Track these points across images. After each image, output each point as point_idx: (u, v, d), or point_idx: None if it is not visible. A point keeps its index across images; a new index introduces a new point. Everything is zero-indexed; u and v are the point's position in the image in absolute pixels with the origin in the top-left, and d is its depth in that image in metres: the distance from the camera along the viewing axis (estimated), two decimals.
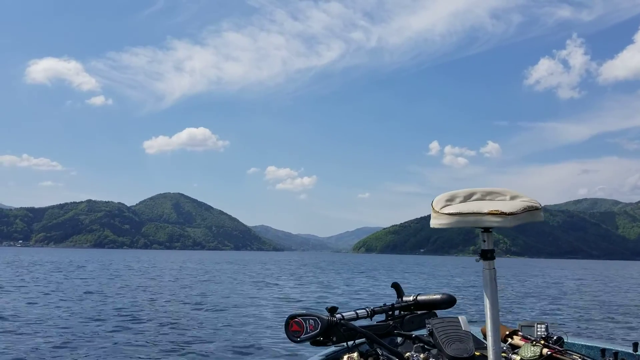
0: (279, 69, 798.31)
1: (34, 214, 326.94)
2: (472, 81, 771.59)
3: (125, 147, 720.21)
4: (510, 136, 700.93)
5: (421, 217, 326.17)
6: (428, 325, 2.21)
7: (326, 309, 1.97)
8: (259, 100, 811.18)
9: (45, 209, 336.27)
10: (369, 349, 2.02)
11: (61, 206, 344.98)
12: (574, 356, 2.43)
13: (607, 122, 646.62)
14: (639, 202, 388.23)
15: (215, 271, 38.15)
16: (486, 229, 1.73)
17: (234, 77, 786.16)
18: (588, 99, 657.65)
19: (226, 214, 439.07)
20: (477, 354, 2.18)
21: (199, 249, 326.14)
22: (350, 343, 1.99)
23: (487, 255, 1.74)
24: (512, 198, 1.78)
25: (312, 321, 1.92)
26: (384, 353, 2.01)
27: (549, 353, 2.43)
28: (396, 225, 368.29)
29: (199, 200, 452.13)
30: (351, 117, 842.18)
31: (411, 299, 2.43)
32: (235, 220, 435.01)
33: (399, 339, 2.35)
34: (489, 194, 1.79)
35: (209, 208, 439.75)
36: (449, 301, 2.41)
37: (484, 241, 1.75)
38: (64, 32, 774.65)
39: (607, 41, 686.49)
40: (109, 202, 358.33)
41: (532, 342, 2.53)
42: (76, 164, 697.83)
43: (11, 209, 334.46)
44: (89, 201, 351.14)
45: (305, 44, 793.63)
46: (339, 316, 1.99)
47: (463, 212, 1.66)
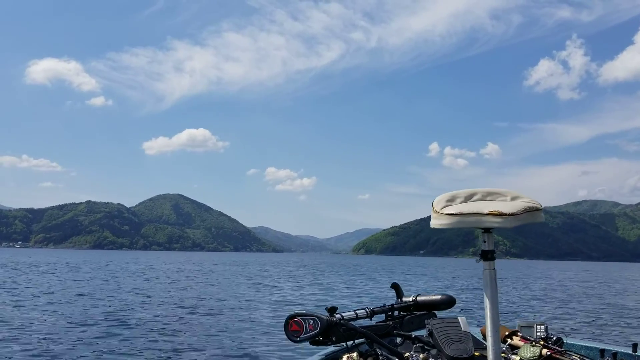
0: (279, 70, 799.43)
1: (33, 215, 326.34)
2: (472, 82, 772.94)
3: (125, 148, 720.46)
4: (510, 137, 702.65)
5: (421, 219, 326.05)
6: (427, 326, 2.20)
7: (326, 309, 1.97)
8: (259, 100, 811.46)
9: (44, 210, 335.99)
10: (368, 349, 2.03)
11: (60, 207, 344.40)
12: (573, 357, 2.46)
13: (607, 124, 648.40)
14: (638, 203, 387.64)
15: (213, 273, 37.58)
16: (486, 230, 1.75)
17: (234, 77, 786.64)
18: (588, 100, 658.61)
19: (226, 215, 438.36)
20: (477, 354, 2.18)
21: (198, 250, 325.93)
22: (350, 343, 2.00)
23: (487, 255, 1.75)
24: (513, 199, 1.80)
25: (312, 321, 1.93)
26: (384, 353, 2.03)
27: (549, 353, 2.48)
28: (396, 226, 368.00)
29: (198, 201, 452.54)
30: (351, 118, 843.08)
31: (411, 299, 2.43)
32: (235, 221, 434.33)
33: (399, 339, 2.36)
34: (489, 194, 1.81)
35: (208, 209, 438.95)
36: (448, 302, 2.40)
37: (484, 242, 1.76)
38: (64, 32, 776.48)
39: (607, 42, 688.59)
40: (108, 203, 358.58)
41: (531, 343, 2.57)
42: (76, 164, 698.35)
43: (10, 210, 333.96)
44: (89, 202, 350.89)
45: (305, 45, 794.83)
46: (338, 316, 1.99)
47: (463, 213, 1.67)
